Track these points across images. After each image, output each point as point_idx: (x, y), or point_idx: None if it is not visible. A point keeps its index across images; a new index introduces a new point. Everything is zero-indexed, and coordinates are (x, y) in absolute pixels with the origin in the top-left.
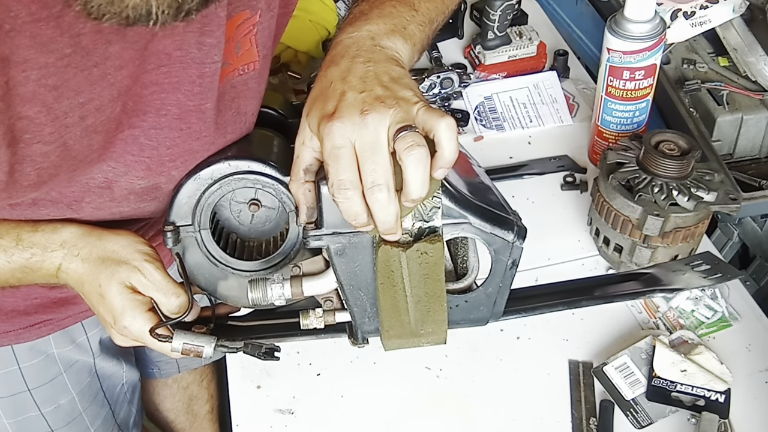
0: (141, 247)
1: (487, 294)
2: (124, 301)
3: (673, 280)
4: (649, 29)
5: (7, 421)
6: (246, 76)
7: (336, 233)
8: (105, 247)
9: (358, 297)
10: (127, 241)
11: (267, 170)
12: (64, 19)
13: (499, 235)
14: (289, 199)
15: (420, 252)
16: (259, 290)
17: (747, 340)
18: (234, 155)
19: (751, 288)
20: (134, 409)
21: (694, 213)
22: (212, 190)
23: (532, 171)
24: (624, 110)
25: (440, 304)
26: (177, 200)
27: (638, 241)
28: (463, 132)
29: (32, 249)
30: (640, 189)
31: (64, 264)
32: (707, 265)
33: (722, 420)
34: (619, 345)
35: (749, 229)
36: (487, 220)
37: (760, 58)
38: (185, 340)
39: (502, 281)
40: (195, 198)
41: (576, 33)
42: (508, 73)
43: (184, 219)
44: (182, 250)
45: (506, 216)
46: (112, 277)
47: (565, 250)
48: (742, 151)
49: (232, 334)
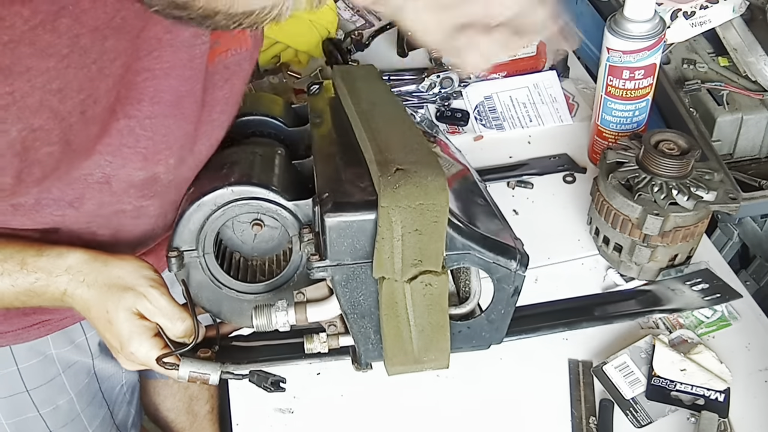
0: (146, 272)
1: (490, 320)
2: (132, 328)
3: (672, 298)
4: (648, 29)
5: (5, 422)
6: (239, 56)
7: (340, 264)
8: (110, 273)
9: (361, 325)
10: (133, 267)
11: (270, 196)
12: (60, 22)
13: (502, 264)
14: (292, 223)
15: (424, 284)
16: (263, 317)
17: (746, 340)
18: (237, 181)
19: (751, 288)
20: (133, 410)
21: (694, 212)
22: (215, 216)
23: (532, 171)
24: (624, 110)
25: (443, 333)
26: (180, 226)
27: (638, 241)
28: (463, 131)
29: (37, 273)
30: (639, 188)
31: (70, 289)
32: (706, 283)
33: (722, 419)
34: (618, 344)
35: (749, 229)
36: (490, 250)
37: (760, 58)
38: (191, 368)
39: (505, 308)
40: (198, 224)
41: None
42: (507, 73)
43: (188, 244)
44: (187, 275)
45: (508, 244)
46: (119, 304)
47: (565, 249)
48: (742, 151)
49: (237, 356)
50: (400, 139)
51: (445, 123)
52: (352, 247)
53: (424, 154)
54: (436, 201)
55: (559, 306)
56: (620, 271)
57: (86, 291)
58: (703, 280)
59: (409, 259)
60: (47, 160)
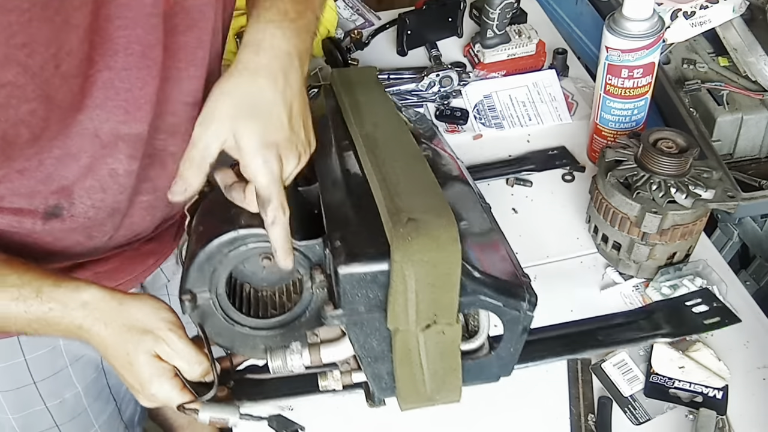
0: (164, 314)
1: (499, 357)
2: (152, 370)
3: (673, 322)
4: (647, 27)
5: (12, 416)
6: (203, 4)
7: (354, 312)
8: (129, 314)
9: (375, 367)
10: (151, 309)
11: None
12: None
13: (512, 306)
14: (302, 260)
15: (438, 332)
16: (278, 359)
17: (745, 338)
18: (246, 224)
19: (750, 288)
20: (139, 408)
21: (692, 210)
22: (227, 258)
23: (530, 166)
24: (622, 108)
25: (456, 375)
26: (192, 269)
27: (636, 239)
28: (462, 130)
29: (51, 303)
30: (638, 186)
31: (86, 325)
32: (705, 304)
33: (720, 416)
34: None
35: (749, 229)
36: (500, 293)
37: (760, 58)
38: (211, 413)
39: (514, 346)
40: (210, 266)
41: (575, 32)
42: (507, 72)
43: (201, 286)
44: (201, 316)
45: (518, 285)
46: (138, 347)
47: (564, 247)
48: (742, 151)
49: (252, 390)
50: (408, 177)
51: (445, 122)
52: (366, 297)
53: (433, 198)
54: (450, 254)
55: (562, 330)
56: (619, 269)
57: (103, 329)
58: (702, 301)
59: (424, 312)
60: (31, 118)
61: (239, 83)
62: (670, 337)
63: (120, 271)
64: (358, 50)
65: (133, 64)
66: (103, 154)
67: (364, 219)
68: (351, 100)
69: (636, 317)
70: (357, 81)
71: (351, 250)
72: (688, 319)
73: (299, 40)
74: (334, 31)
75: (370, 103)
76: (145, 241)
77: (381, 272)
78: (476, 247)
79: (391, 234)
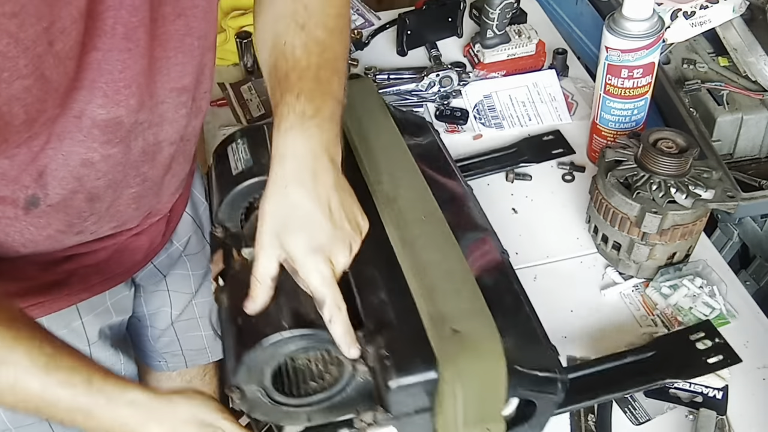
0: (215, 404)
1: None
2: None
3: (676, 360)
4: (647, 27)
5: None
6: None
7: (403, 415)
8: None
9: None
10: (201, 402)
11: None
12: None
13: (548, 392)
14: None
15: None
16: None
17: (745, 338)
18: (290, 325)
19: (750, 288)
20: None
21: (692, 210)
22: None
23: (525, 157)
24: (622, 108)
25: None
26: (241, 369)
27: (636, 239)
28: (462, 130)
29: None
30: (638, 186)
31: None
32: (708, 339)
33: (719, 416)
34: (617, 341)
35: (749, 229)
36: (536, 385)
37: (760, 58)
38: None
39: (545, 419)
40: (258, 366)
41: (575, 32)
42: (507, 72)
43: (248, 383)
44: (249, 405)
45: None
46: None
47: (564, 247)
48: (742, 151)
49: None
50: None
51: (445, 122)
52: (415, 402)
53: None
54: (496, 365)
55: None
56: (619, 269)
57: (156, 428)
58: (706, 335)
59: (471, 417)
60: (26, 96)
61: (275, 201)
62: (674, 379)
63: (108, 265)
64: (358, 50)
65: (115, 45)
66: (79, 140)
67: (403, 315)
68: (360, 138)
69: (641, 354)
70: (359, 103)
71: (400, 363)
72: (693, 358)
73: (322, 133)
74: None
75: (380, 140)
76: (134, 236)
77: (430, 380)
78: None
79: (437, 347)
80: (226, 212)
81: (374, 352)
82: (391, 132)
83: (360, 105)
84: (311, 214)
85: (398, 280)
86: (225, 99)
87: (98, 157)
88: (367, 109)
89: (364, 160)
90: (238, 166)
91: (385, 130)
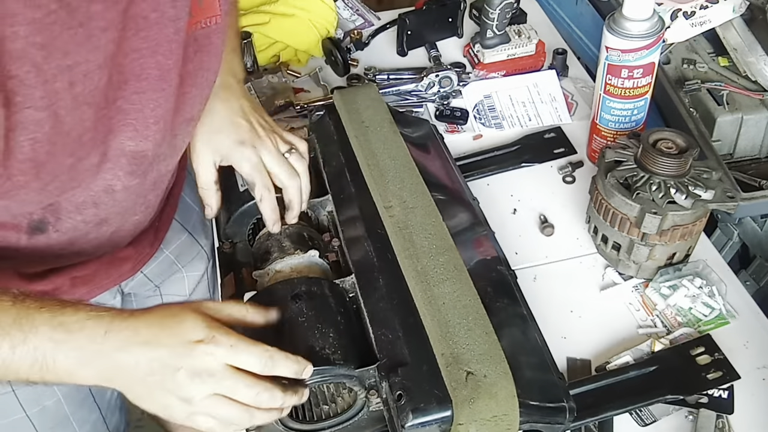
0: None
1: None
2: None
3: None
4: (647, 27)
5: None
6: (208, 29)
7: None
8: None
9: None
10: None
11: (340, 371)
12: None
13: (557, 422)
14: (359, 383)
15: None
16: None
17: (745, 338)
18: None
19: (750, 288)
20: (124, 418)
21: (692, 211)
22: None
23: (527, 156)
24: (622, 108)
25: None
26: None
27: (636, 239)
28: (462, 130)
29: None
30: (638, 187)
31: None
32: (708, 354)
33: (720, 417)
34: (616, 342)
35: (749, 229)
36: (545, 416)
37: (760, 58)
38: None
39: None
40: None
41: (575, 32)
42: (507, 72)
43: None
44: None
45: (561, 398)
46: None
47: (564, 247)
48: (742, 151)
49: None
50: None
51: (445, 122)
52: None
53: (485, 337)
54: (509, 408)
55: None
56: (618, 270)
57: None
58: (705, 350)
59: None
60: (35, 128)
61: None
62: (675, 395)
63: (95, 277)
64: (358, 50)
65: (146, 87)
66: (103, 169)
67: (417, 353)
68: (367, 153)
69: (643, 369)
70: (364, 110)
71: (416, 404)
72: (693, 374)
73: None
74: (334, 31)
75: (387, 155)
76: (122, 248)
77: (444, 422)
78: (522, 363)
79: (452, 390)
80: (234, 228)
81: (389, 388)
82: (398, 147)
83: (365, 112)
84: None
85: (412, 315)
86: None
87: (120, 186)
88: (374, 120)
89: (372, 179)
90: (245, 183)
91: (394, 145)
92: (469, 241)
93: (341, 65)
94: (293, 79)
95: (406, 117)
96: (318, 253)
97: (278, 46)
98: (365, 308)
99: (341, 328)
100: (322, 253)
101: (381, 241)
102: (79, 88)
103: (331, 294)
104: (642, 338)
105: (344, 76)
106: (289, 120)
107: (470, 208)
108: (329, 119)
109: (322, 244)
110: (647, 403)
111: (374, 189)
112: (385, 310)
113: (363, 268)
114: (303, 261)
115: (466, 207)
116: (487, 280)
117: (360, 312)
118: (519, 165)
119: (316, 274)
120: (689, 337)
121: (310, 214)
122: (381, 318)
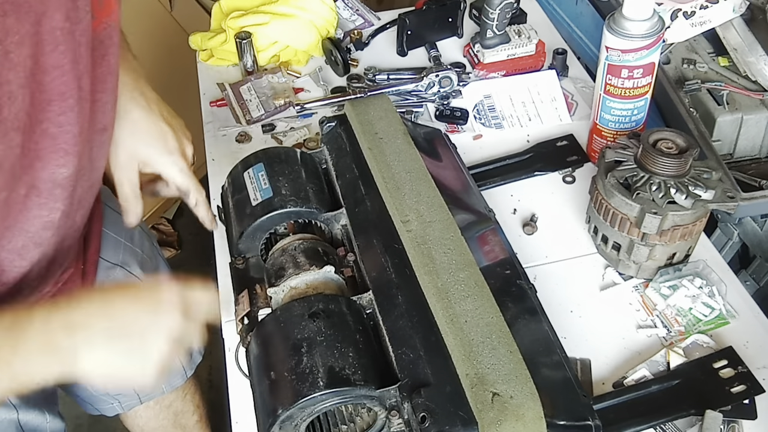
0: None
1: None
2: None
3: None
4: (647, 27)
5: None
6: (110, 29)
7: None
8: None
9: None
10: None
11: (359, 392)
12: None
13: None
14: (379, 403)
15: None
16: None
17: (745, 338)
18: (326, 384)
19: (750, 288)
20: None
21: (692, 211)
22: (308, 414)
23: (539, 165)
24: (622, 108)
25: None
26: (275, 427)
27: (636, 239)
28: (462, 130)
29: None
30: (638, 187)
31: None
32: (731, 368)
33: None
34: (616, 342)
35: (749, 229)
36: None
37: (760, 58)
38: None
39: None
40: (292, 421)
41: (575, 32)
42: (507, 72)
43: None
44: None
45: (586, 422)
46: None
47: (564, 247)
48: (742, 151)
49: None
50: (479, 320)
51: (445, 122)
52: None
53: (509, 355)
54: (536, 428)
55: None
56: (618, 270)
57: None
58: (729, 363)
59: None
60: None
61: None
62: (700, 409)
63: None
64: (358, 50)
65: (69, 107)
66: (38, 204)
67: (440, 373)
68: (383, 166)
69: (666, 383)
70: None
71: (441, 427)
72: (717, 388)
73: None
74: (334, 31)
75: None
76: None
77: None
78: (547, 381)
79: (477, 411)
80: (246, 243)
81: (411, 409)
82: (413, 159)
83: (378, 124)
84: (154, 123)
85: (433, 333)
86: (224, 99)
87: (59, 215)
88: (388, 132)
89: (388, 192)
90: (257, 197)
91: (408, 158)
92: (488, 255)
93: (341, 65)
94: (293, 79)
95: (419, 128)
96: (333, 269)
97: (278, 46)
98: (384, 326)
99: (360, 347)
100: (337, 269)
101: (399, 256)
102: (5, 113)
103: (349, 311)
104: (651, 344)
105: (344, 76)
106: (289, 120)
107: (488, 221)
108: (341, 130)
109: (336, 258)
110: (671, 418)
111: (390, 203)
112: (406, 328)
113: (381, 284)
114: (318, 277)
115: (483, 220)
116: (507, 296)
117: (378, 330)
118: (532, 174)
119: (331, 290)
120: (701, 344)
121: (324, 228)
122: (401, 336)
